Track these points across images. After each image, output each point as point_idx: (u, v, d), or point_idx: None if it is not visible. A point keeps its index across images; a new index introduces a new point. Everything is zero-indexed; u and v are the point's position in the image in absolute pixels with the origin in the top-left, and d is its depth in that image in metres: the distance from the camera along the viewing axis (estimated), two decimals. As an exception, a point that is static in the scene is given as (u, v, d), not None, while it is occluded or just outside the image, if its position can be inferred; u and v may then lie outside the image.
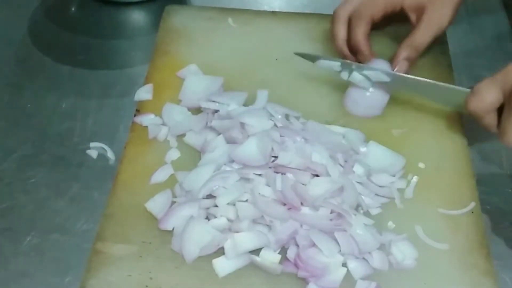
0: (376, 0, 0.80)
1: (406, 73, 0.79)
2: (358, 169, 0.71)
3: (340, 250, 0.65)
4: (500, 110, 0.69)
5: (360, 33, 0.80)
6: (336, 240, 0.65)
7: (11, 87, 0.87)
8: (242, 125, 0.73)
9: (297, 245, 0.65)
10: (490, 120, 0.70)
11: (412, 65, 0.81)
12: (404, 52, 0.80)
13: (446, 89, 0.76)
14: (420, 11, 0.79)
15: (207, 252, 0.65)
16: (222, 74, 0.83)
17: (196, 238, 0.65)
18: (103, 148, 0.79)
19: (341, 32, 0.82)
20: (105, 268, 0.65)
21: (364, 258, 0.65)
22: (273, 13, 0.94)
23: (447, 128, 0.79)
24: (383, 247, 0.66)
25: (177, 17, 0.93)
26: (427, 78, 0.78)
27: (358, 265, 0.65)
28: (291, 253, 0.65)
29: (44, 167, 0.77)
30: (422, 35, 0.79)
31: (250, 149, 0.70)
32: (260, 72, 0.85)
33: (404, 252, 0.66)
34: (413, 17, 0.81)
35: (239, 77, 0.84)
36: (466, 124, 0.78)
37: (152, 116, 0.79)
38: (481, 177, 0.76)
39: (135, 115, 0.79)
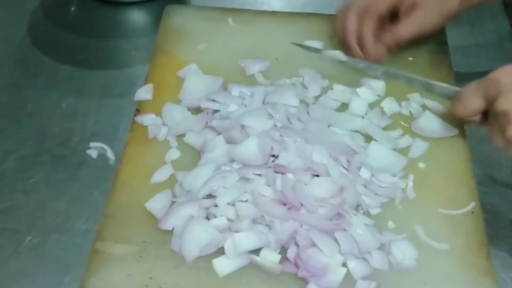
0: None
1: (381, 57, 0.82)
2: (365, 173, 0.71)
3: (340, 250, 0.65)
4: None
5: (368, 30, 0.81)
6: (336, 240, 0.65)
7: (11, 87, 0.87)
8: (242, 125, 0.73)
9: (297, 245, 0.65)
10: (475, 120, 0.74)
11: (390, 53, 0.83)
12: (384, 39, 0.82)
13: (436, 87, 0.79)
14: (414, 8, 0.82)
15: (207, 252, 0.65)
16: (222, 74, 0.83)
17: (196, 238, 0.65)
18: (103, 148, 0.79)
19: (353, 25, 0.82)
20: (105, 268, 0.64)
21: (364, 258, 0.65)
22: (273, 13, 0.94)
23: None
24: (383, 247, 0.66)
25: (177, 17, 0.92)
26: (427, 78, 0.79)
27: (358, 265, 0.65)
28: (291, 253, 0.65)
29: (44, 167, 0.77)
30: (404, 29, 0.82)
31: (250, 148, 0.70)
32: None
33: (404, 252, 0.66)
34: (404, 12, 0.82)
35: (239, 77, 0.84)
36: (466, 124, 0.78)
37: (152, 116, 0.79)
38: (481, 177, 0.76)
39: (135, 115, 0.79)
